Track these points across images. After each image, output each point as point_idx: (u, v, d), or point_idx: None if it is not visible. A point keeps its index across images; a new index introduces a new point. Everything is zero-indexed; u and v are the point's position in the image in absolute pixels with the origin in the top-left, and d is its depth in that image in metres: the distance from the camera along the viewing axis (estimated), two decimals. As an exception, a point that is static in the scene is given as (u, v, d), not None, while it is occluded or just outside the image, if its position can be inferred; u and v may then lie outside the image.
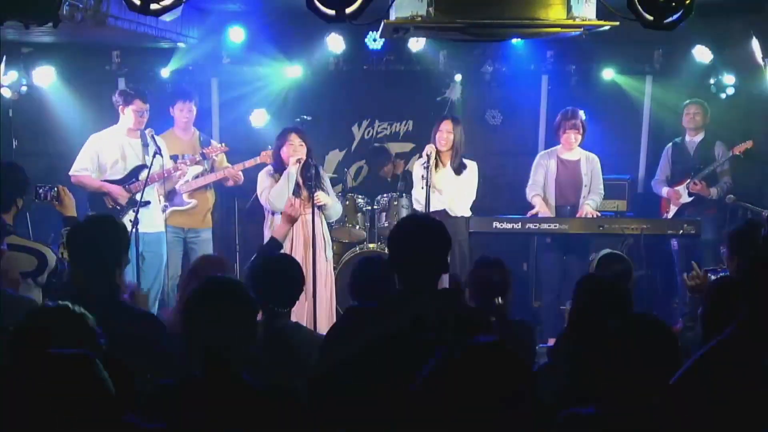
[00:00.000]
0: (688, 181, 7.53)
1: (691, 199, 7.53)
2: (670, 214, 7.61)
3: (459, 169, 6.78)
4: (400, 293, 3.06)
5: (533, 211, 7.04)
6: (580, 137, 7.06)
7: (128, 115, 6.55)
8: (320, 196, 6.23)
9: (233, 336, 2.65)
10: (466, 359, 2.10)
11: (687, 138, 7.74)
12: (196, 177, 6.93)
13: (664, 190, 7.71)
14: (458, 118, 6.97)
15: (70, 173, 6.57)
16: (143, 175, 6.44)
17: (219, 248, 7.98)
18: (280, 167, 6.24)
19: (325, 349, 3.17)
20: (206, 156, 6.98)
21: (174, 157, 6.81)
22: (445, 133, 6.71)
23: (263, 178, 6.31)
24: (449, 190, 6.72)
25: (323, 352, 3.16)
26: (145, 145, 6.54)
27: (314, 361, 3.22)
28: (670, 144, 7.82)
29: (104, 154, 6.56)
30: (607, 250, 4.66)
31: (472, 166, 6.87)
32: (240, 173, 6.99)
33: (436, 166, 6.68)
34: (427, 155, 6.54)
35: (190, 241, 7.00)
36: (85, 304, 2.72)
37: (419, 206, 6.68)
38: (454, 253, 6.47)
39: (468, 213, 6.86)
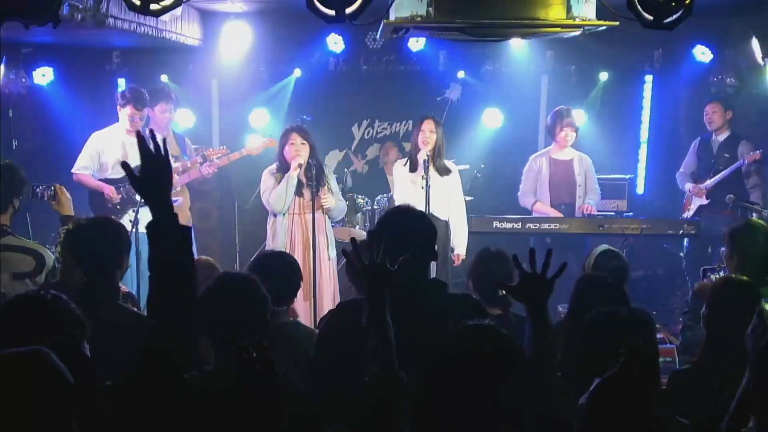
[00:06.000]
0: (708, 182, 7.48)
1: (708, 201, 7.48)
2: (690, 213, 7.54)
3: (442, 170, 6.51)
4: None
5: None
6: (575, 135, 7.05)
7: (123, 117, 6.57)
8: (327, 200, 6.20)
9: (246, 329, 2.69)
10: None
11: (713, 135, 7.61)
12: (179, 175, 6.90)
13: (688, 186, 7.65)
14: (438, 119, 6.69)
15: (72, 171, 6.58)
16: None
17: (219, 248, 8.00)
18: (283, 167, 6.22)
19: (320, 343, 3.18)
20: (207, 158, 6.96)
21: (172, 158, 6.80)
22: (428, 133, 6.41)
23: (266, 178, 6.27)
24: (435, 192, 6.36)
25: (317, 346, 3.17)
26: None
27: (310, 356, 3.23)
28: (698, 138, 7.72)
29: (106, 152, 6.56)
30: (603, 246, 4.63)
31: (454, 168, 6.66)
32: (214, 169, 6.94)
33: (416, 168, 6.44)
34: (424, 160, 6.28)
35: None
36: (85, 305, 2.73)
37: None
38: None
39: (448, 217, 6.61)
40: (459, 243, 6.55)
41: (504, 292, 4.03)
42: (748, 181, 7.43)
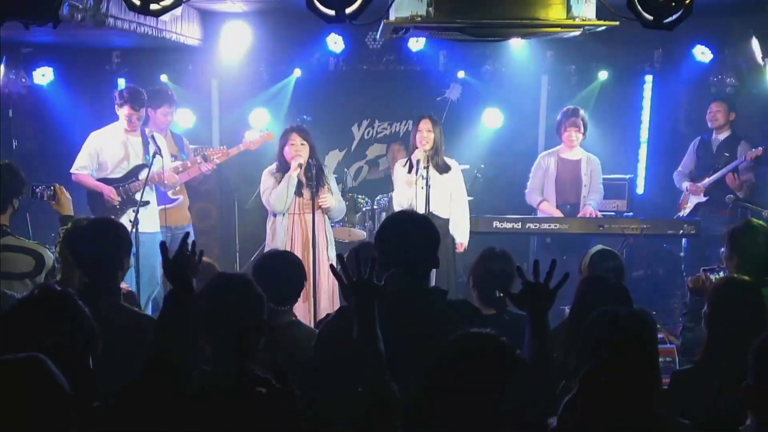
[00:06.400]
0: (706, 180, 7.48)
1: (705, 198, 7.49)
2: (686, 212, 7.55)
3: (442, 168, 6.53)
4: (389, 292, 3.06)
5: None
6: (581, 135, 7.04)
7: (121, 117, 6.58)
8: (327, 200, 6.19)
9: (244, 330, 2.70)
10: None
11: (713, 135, 7.61)
12: (178, 174, 6.90)
13: (685, 184, 7.64)
14: (436, 118, 6.67)
15: (71, 171, 6.57)
16: (143, 174, 6.44)
17: (219, 248, 8.00)
18: (283, 167, 6.23)
19: (318, 347, 3.18)
20: (207, 158, 6.96)
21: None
22: (425, 132, 6.44)
23: (266, 178, 6.27)
24: (435, 191, 6.39)
25: (317, 350, 3.17)
26: (146, 143, 6.55)
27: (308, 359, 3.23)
28: (698, 138, 7.72)
29: (105, 151, 6.55)
30: (599, 247, 4.62)
31: (455, 165, 6.67)
32: (213, 166, 6.96)
33: (414, 167, 6.43)
34: (418, 160, 6.33)
35: (176, 238, 6.95)
36: (86, 305, 2.72)
37: (400, 209, 6.47)
38: (439, 252, 6.41)
39: (448, 215, 6.61)
40: (460, 233, 6.56)
41: (501, 293, 4.05)
42: (745, 178, 7.42)
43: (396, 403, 2.50)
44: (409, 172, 6.47)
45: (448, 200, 6.54)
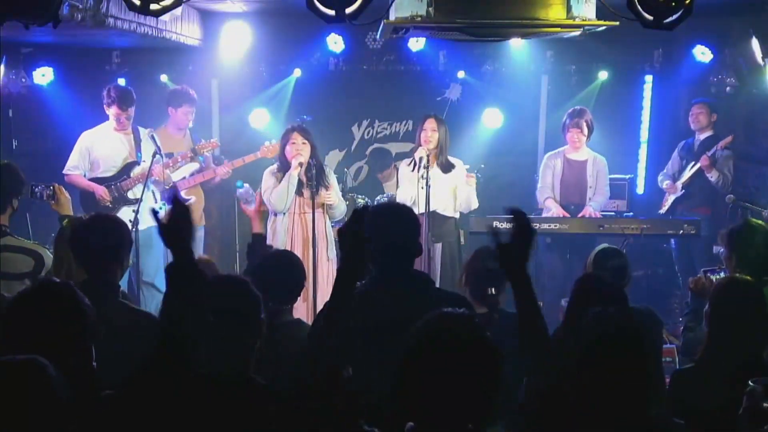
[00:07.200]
0: (684, 177, 7.51)
1: (682, 192, 7.52)
2: (665, 209, 7.62)
3: (446, 167, 6.60)
4: (376, 278, 3.15)
5: (549, 214, 7.06)
6: (584, 137, 7.05)
7: (110, 117, 6.63)
8: (331, 196, 6.24)
9: (239, 333, 2.69)
10: None
11: (696, 136, 7.68)
12: (193, 174, 6.94)
13: (665, 183, 7.71)
14: (441, 117, 6.75)
15: (63, 172, 6.60)
16: (135, 172, 6.47)
17: (219, 248, 8.00)
18: (284, 166, 6.24)
19: (312, 337, 3.20)
20: (197, 152, 6.99)
21: (168, 155, 6.83)
22: (430, 132, 6.50)
23: (267, 177, 6.29)
24: (439, 190, 6.47)
25: (310, 340, 3.19)
26: (138, 141, 6.58)
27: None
28: (682, 142, 7.79)
29: (96, 149, 6.59)
30: (603, 245, 4.64)
31: (459, 164, 6.72)
32: (230, 170, 7.00)
33: (417, 166, 6.45)
34: (420, 158, 6.35)
35: None
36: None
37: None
38: (444, 252, 6.45)
39: (457, 214, 6.72)
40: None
41: (494, 291, 4.07)
42: (720, 167, 7.42)
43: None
44: (413, 170, 6.50)
45: (452, 199, 6.56)
